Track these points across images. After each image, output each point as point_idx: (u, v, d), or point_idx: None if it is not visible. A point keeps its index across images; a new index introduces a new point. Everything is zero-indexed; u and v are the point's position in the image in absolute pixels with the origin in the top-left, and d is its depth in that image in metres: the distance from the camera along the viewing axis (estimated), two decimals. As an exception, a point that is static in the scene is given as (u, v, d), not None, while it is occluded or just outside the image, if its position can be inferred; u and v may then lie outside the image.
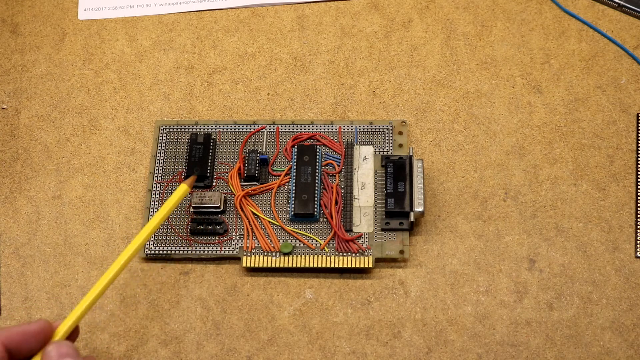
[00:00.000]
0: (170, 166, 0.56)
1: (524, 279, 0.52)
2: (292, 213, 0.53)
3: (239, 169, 0.56)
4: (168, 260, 0.54)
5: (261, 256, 0.53)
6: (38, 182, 0.57)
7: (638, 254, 0.53)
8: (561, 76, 0.59)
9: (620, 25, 0.61)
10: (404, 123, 0.57)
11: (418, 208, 0.52)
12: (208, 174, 0.55)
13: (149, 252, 0.54)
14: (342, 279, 0.53)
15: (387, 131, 0.57)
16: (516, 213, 0.54)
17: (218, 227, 0.54)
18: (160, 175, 0.56)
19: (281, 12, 0.63)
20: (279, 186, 0.55)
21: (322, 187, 0.55)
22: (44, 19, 0.64)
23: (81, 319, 0.45)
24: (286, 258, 0.53)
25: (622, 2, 0.61)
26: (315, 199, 0.54)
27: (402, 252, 0.52)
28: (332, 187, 0.54)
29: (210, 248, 0.53)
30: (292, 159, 0.56)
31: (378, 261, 0.53)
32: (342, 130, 0.57)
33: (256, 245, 0.53)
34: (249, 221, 0.54)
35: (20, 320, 0.52)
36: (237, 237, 0.54)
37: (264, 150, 0.57)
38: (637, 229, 0.53)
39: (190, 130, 0.58)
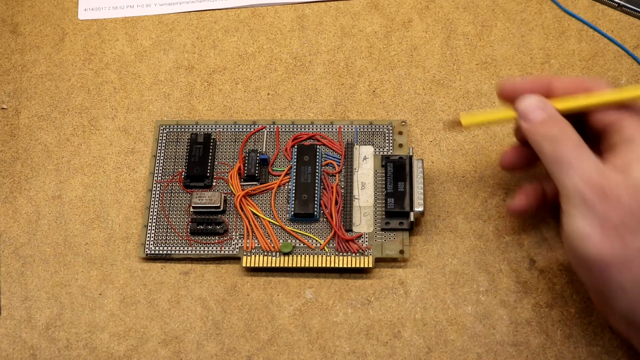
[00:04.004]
0: (170, 166, 0.56)
1: (524, 279, 0.52)
2: (292, 213, 0.53)
3: (239, 169, 0.56)
4: (168, 260, 0.54)
5: (261, 256, 0.53)
6: (38, 182, 0.57)
7: (638, 254, 0.52)
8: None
9: (620, 25, 0.61)
10: (404, 123, 0.57)
11: (418, 208, 0.52)
12: (208, 174, 0.55)
13: (149, 252, 0.54)
14: (342, 279, 0.53)
15: (387, 131, 0.57)
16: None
17: (218, 227, 0.54)
18: (160, 175, 0.56)
19: (281, 12, 0.63)
20: (279, 186, 0.55)
21: (322, 187, 0.55)
22: (44, 19, 0.64)
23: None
24: (286, 258, 0.53)
25: (622, 2, 0.61)
26: (315, 199, 0.54)
27: (402, 252, 0.52)
28: (332, 187, 0.54)
29: (210, 248, 0.53)
30: (292, 159, 0.56)
31: (378, 261, 0.53)
32: (342, 130, 0.57)
33: (256, 245, 0.53)
34: (249, 221, 0.54)
35: (20, 320, 0.53)
36: (237, 237, 0.54)
37: (264, 150, 0.57)
38: (637, 229, 0.53)
39: (190, 130, 0.58)
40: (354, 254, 0.52)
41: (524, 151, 0.50)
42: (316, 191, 0.54)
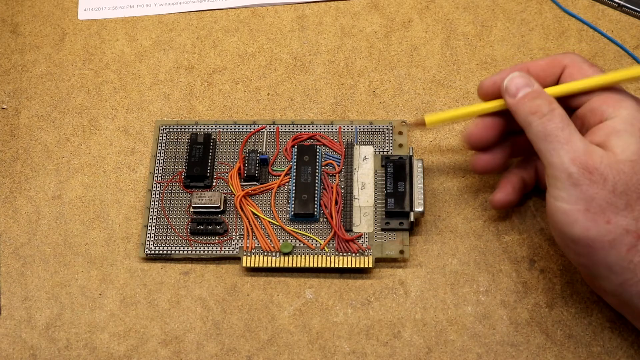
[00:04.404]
0: (170, 166, 0.56)
1: (524, 279, 0.52)
2: (292, 213, 0.53)
3: (239, 169, 0.56)
4: (168, 260, 0.54)
5: (261, 256, 0.53)
6: (38, 182, 0.57)
7: (638, 254, 0.52)
8: (561, 76, 0.59)
9: (620, 25, 0.61)
10: (404, 123, 0.57)
11: (418, 208, 0.52)
12: (208, 174, 0.55)
13: (149, 252, 0.54)
14: (342, 279, 0.53)
15: (387, 131, 0.57)
16: (516, 213, 0.54)
17: (218, 227, 0.54)
18: (160, 175, 0.56)
19: (281, 12, 0.63)
20: (279, 186, 0.55)
21: (322, 187, 0.55)
22: (44, 19, 0.64)
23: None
24: (286, 258, 0.53)
25: (622, 2, 0.61)
26: (315, 199, 0.54)
27: (402, 252, 0.52)
28: (332, 187, 0.54)
29: (210, 248, 0.53)
30: (292, 159, 0.56)
31: (378, 261, 0.53)
32: (342, 130, 0.57)
33: (256, 245, 0.53)
34: (249, 221, 0.54)
35: (20, 320, 0.53)
36: (237, 237, 0.54)
37: (264, 150, 0.57)
38: (637, 229, 0.53)
39: (190, 130, 0.58)
40: (354, 254, 0.52)
41: (490, 155, 0.50)
42: (316, 191, 0.54)
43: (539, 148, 0.45)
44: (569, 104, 0.48)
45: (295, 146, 0.56)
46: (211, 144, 0.56)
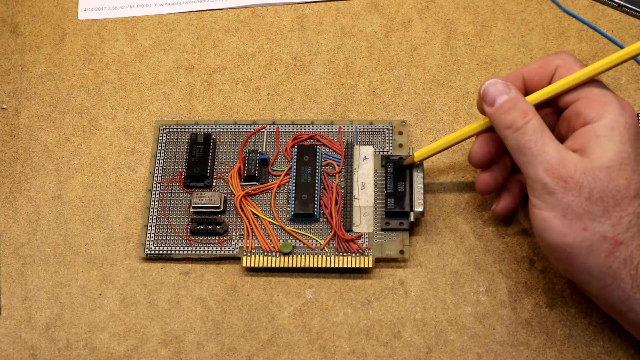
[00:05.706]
0: (170, 166, 0.56)
1: (524, 279, 0.52)
2: (292, 213, 0.53)
3: (239, 169, 0.56)
4: (168, 260, 0.54)
5: (261, 256, 0.53)
6: (38, 182, 0.57)
7: (638, 254, 0.53)
8: (561, 76, 0.59)
9: (620, 25, 0.61)
10: (404, 123, 0.57)
11: (418, 208, 0.52)
12: (208, 174, 0.55)
13: (149, 252, 0.54)
14: (342, 279, 0.53)
15: (387, 131, 0.57)
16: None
17: (218, 227, 0.54)
18: (160, 175, 0.56)
19: (281, 12, 0.63)
20: (279, 186, 0.55)
21: (322, 187, 0.55)
22: (44, 19, 0.64)
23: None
24: (286, 258, 0.53)
25: (622, 2, 0.61)
26: (315, 199, 0.54)
27: (402, 252, 0.52)
28: (332, 187, 0.54)
29: (210, 248, 0.53)
30: (292, 159, 0.56)
31: (378, 261, 0.53)
32: (342, 130, 0.57)
33: (256, 245, 0.53)
34: (249, 221, 0.54)
35: (20, 320, 0.53)
36: (237, 237, 0.54)
37: (264, 150, 0.57)
38: (637, 229, 0.53)
39: (190, 130, 0.58)
40: (354, 254, 0.52)
41: (493, 174, 0.50)
42: (316, 191, 0.54)
43: (516, 159, 0.46)
44: (557, 104, 0.48)
45: (295, 146, 0.56)
46: (211, 144, 0.56)
